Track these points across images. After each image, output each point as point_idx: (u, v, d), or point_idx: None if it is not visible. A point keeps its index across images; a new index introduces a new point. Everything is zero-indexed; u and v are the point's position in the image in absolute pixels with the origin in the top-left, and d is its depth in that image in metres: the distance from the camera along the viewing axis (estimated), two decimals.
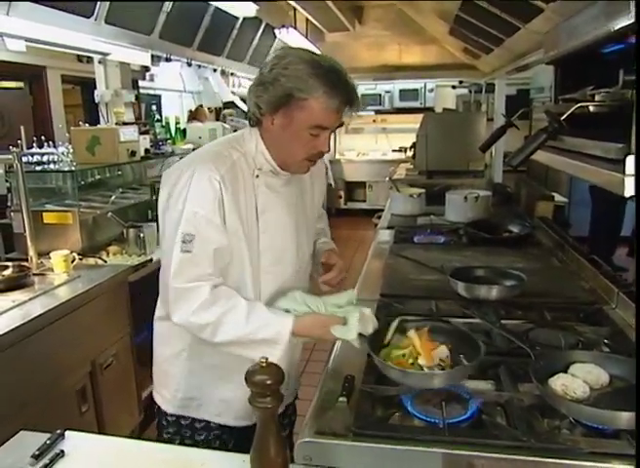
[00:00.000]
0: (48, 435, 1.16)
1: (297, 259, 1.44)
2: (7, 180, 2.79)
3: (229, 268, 1.32)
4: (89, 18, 3.17)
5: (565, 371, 1.21)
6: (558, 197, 4.04)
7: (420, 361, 1.21)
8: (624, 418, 1.02)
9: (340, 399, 1.20)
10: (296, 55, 1.23)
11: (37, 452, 1.09)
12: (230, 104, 5.85)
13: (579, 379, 1.16)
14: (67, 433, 1.18)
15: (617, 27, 1.05)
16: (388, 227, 3.01)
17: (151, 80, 5.13)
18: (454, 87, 7.42)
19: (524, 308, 1.71)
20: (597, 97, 1.15)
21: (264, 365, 0.94)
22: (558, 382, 1.15)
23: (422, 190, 3.38)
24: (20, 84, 5.16)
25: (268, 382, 0.93)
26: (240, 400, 1.37)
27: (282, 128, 1.26)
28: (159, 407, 1.47)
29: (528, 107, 1.88)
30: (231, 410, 1.41)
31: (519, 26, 3.03)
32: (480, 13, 3.44)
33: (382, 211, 3.58)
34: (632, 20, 0.97)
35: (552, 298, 1.79)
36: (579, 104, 1.16)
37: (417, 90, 8.06)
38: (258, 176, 1.34)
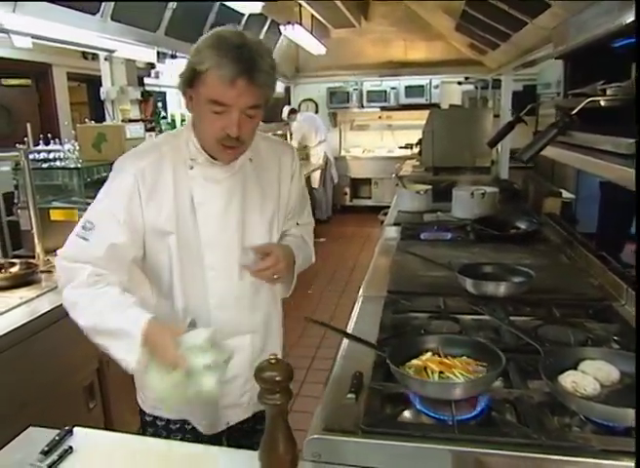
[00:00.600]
0: (56, 431, 1.17)
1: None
2: (14, 178, 2.79)
3: (155, 266, 1.32)
4: (95, 14, 3.18)
5: (575, 368, 1.20)
6: (565, 193, 4.02)
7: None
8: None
9: (349, 395, 1.19)
10: (211, 32, 1.20)
11: (46, 448, 1.09)
12: None
13: (589, 376, 1.16)
14: (75, 429, 1.18)
15: (628, 21, 1.04)
16: (395, 224, 3.00)
17: (156, 77, 5.13)
18: (460, 83, 7.38)
19: (532, 305, 1.70)
20: (608, 92, 1.14)
21: (274, 361, 0.94)
22: (568, 379, 1.14)
23: (429, 187, 3.37)
24: (28, 81, 5.18)
25: (277, 379, 0.93)
26: (199, 411, 1.39)
27: (194, 105, 1.23)
28: (138, 404, 1.49)
29: (535, 103, 1.86)
30: (192, 417, 1.41)
31: (526, 22, 3.01)
32: (487, 8, 3.41)
33: (388, 207, 3.57)
34: None
35: (561, 295, 1.78)
36: (590, 99, 1.15)
37: (422, 86, 8.02)
38: (192, 168, 1.29)
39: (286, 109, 7.75)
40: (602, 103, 1.15)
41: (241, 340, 1.39)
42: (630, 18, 1.05)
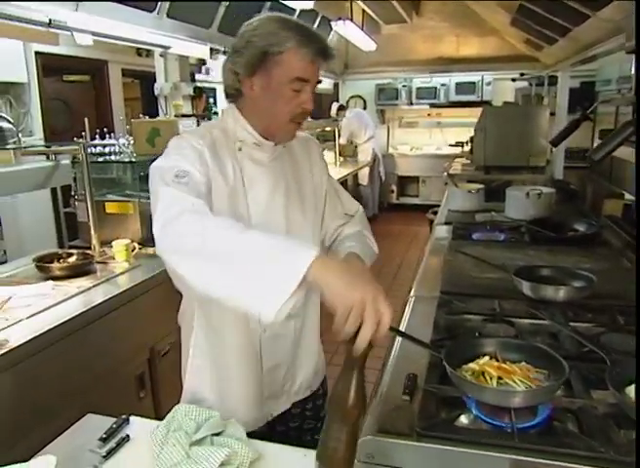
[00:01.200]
0: (113, 419, 1.19)
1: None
2: (72, 171, 2.88)
3: None
4: (151, 12, 3.24)
5: None
6: (627, 195, 3.85)
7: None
8: None
9: (404, 397, 1.17)
10: (262, 18, 1.25)
11: (104, 436, 1.12)
12: None
13: None
14: (132, 418, 1.20)
15: None
16: (446, 223, 2.94)
17: (207, 73, 5.21)
18: (514, 80, 7.18)
19: (594, 311, 1.62)
20: None
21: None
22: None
23: (481, 186, 3.28)
24: (86, 77, 5.35)
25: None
26: (246, 397, 1.37)
27: (263, 89, 1.24)
28: None
29: (598, 101, 1.78)
30: (235, 412, 1.33)
31: (589, 15, 2.89)
32: (546, 1, 3.31)
33: (436, 206, 3.51)
34: None
35: (624, 301, 1.69)
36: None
37: (474, 83, 7.86)
38: (240, 149, 1.30)
39: (334, 106, 7.75)
40: None
41: (285, 326, 1.37)
42: None
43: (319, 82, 1.28)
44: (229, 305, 0.97)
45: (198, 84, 4.84)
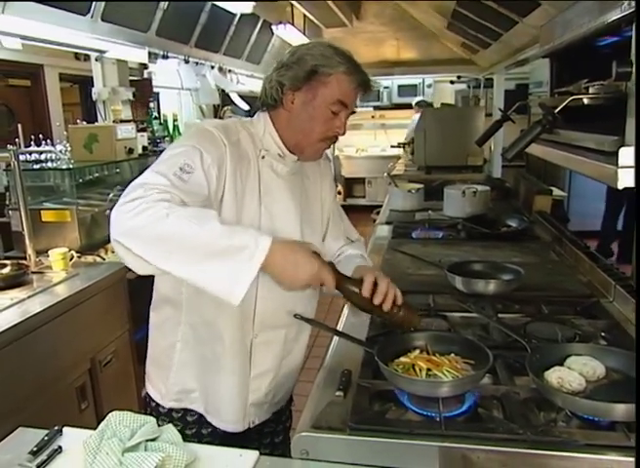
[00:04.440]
0: (46, 431, 1.16)
1: None
2: (5, 178, 2.79)
3: None
4: (85, 15, 3.16)
5: (561, 364, 1.21)
6: (557, 191, 4.04)
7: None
8: (620, 410, 1.02)
9: (337, 393, 1.20)
10: (318, 41, 1.34)
11: (35, 448, 1.09)
12: (228, 101, 5.85)
13: (574, 372, 1.17)
14: (65, 429, 1.18)
15: (610, 20, 1.05)
16: (387, 223, 3.01)
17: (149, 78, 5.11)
18: (452, 82, 7.41)
19: (521, 302, 1.71)
20: (591, 90, 1.15)
21: None
22: (554, 375, 1.16)
23: (421, 185, 3.38)
24: (27, 81, 5.16)
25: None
26: (230, 398, 1.36)
27: (303, 105, 1.28)
28: (153, 400, 1.44)
29: (522, 102, 1.87)
30: (219, 411, 1.38)
31: (517, 21, 3.02)
32: (477, 7, 3.43)
33: (381, 206, 3.58)
34: (625, 13, 0.97)
35: (550, 292, 1.80)
36: (572, 97, 1.16)
37: (415, 85, 8.05)
38: (264, 158, 1.33)
39: None
40: (585, 101, 1.16)
41: (275, 335, 1.37)
42: (612, 16, 1.06)
43: (354, 112, 1.34)
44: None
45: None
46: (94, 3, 3.17)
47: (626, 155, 0.93)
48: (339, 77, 1.25)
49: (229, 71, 5.84)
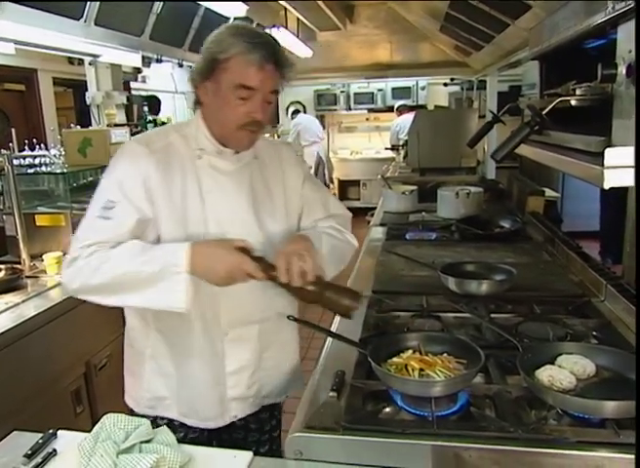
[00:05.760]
0: (40, 435, 1.17)
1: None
2: None
3: None
4: (78, 19, 3.16)
5: (552, 363, 1.23)
6: (550, 192, 4.06)
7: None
8: (610, 407, 1.04)
9: (331, 394, 1.21)
10: (221, 26, 1.27)
11: (30, 452, 1.10)
12: None
13: (565, 370, 1.18)
14: (60, 432, 1.18)
15: (595, 23, 1.07)
16: (381, 224, 3.02)
17: (143, 82, 5.13)
18: (445, 84, 7.44)
19: (514, 302, 1.72)
20: (578, 92, 1.17)
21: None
22: (545, 373, 1.17)
23: (415, 187, 3.39)
24: (22, 86, 5.16)
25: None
26: (205, 399, 1.37)
27: (214, 95, 1.25)
28: (131, 409, 1.45)
29: (513, 103, 1.89)
30: (196, 410, 1.38)
31: (508, 23, 3.05)
32: (469, 10, 3.46)
33: (376, 208, 3.59)
34: (610, 16, 0.98)
35: (542, 292, 1.81)
36: (560, 99, 1.17)
37: (409, 88, 8.08)
38: (200, 157, 1.30)
39: (291, 109, 8.26)
40: (573, 103, 1.18)
41: (248, 330, 1.36)
42: (598, 19, 1.07)
43: (276, 91, 1.27)
44: None
45: (135, 92, 4.77)
46: (87, 7, 3.17)
47: (612, 155, 0.94)
48: (236, 60, 1.19)
49: None
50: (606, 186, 0.92)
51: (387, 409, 1.19)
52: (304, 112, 8.56)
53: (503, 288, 1.77)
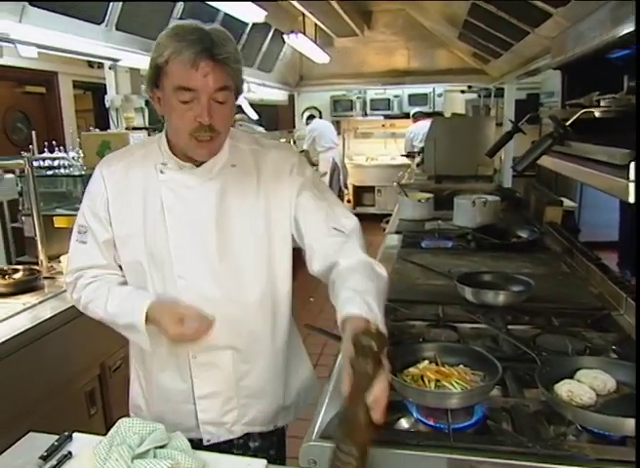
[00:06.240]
0: (56, 437, 1.17)
1: (220, 268, 1.27)
2: (19, 185, 2.82)
3: (132, 275, 1.33)
4: (100, 24, 3.20)
5: (571, 377, 1.21)
6: (568, 202, 4.02)
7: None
8: (631, 425, 1.01)
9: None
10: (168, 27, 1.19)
11: (45, 454, 1.10)
12: (238, 109, 5.89)
13: (585, 385, 1.16)
14: (75, 435, 1.19)
15: (622, 33, 1.05)
16: (396, 232, 3.01)
17: None
18: (463, 91, 7.42)
19: (531, 314, 1.70)
20: (602, 103, 1.15)
21: (373, 330, 0.91)
22: (564, 388, 1.15)
23: (431, 195, 3.38)
24: (42, 88, 5.24)
25: (373, 347, 0.90)
26: (176, 415, 1.34)
27: (163, 103, 1.18)
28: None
29: (533, 113, 1.88)
30: (168, 425, 1.27)
31: (528, 31, 3.03)
32: (489, 17, 3.44)
33: (391, 215, 3.58)
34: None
35: (560, 304, 1.79)
36: (584, 110, 1.16)
37: (426, 94, 8.06)
38: (162, 172, 1.26)
39: (306, 114, 8.28)
40: (596, 114, 1.16)
41: (219, 356, 1.31)
42: (624, 30, 1.06)
43: (224, 88, 1.15)
44: None
45: None
46: (108, 12, 3.21)
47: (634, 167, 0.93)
48: (172, 61, 1.12)
49: None
50: (631, 200, 0.91)
51: (403, 421, 1.18)
52: (320, 117, 8.58)
53: (521, 299, 1.75)
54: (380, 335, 0.93)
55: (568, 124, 1.21)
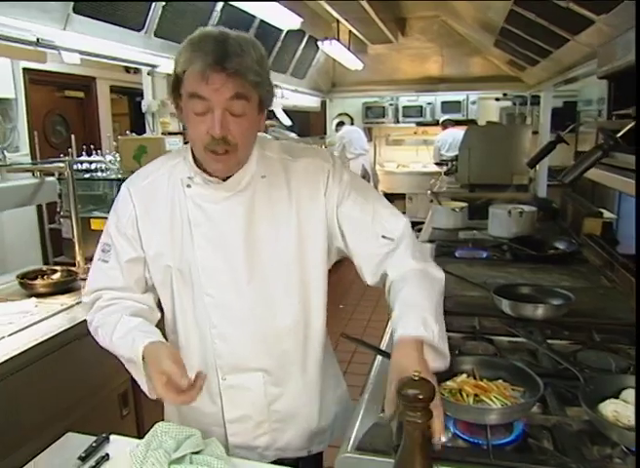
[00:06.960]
0: (93, 438, 1.19)
1: (248, 289, 1.23)
2: (58, 187, 2.89)
3: (161, 294, 1.31)
4: (139, 31, 3.27)
5: (616, 397, 1.17)
6: (606, 213, 3.92)
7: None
8: None
9: (381, 414, 1.18)
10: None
11: (83, 455, 1.12)
12: (272, 115, 5.94)
13: (631, 406, 1.12)
14: (112, 437, 1.20)
15: None
16: (429, 241, 2.97)
17: None
18: (497, 99, 7.32)
19: (571, 328, 1.66)
20: None
21: (417, 378, 0.90)
22: (609, 408, 1.11)
23: (465, 204, 3.33)
24: (81, 93, 5.37)
25: (420, 397, 0.88)
26: (206, 434, 1.27)
27: (184, 115, 1.15)
28: None
29: (576, 122, 1.84)
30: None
31: (568, 38, 2.97)
32: (526, 24, 3.38)
33: (422, 223, 3.54)
34: None
35: (601, 319, 1.73)
36: (635, 122, 1.12)
37: (459, 102, 7.99)
38: (189, 186, 1.22)
39: (335, 121, 8.27)
40: None
41: (249, 378, 1.28)
42: None
43: (240, 98, 1.09)
44: None
45: None
46: (148, 19, 3.28)
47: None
48: (187, 73, 1.08)
49: (275, 86, 5.92)
50: None
51: None
52: (352, 124, 8.58)
53: (561, 313, 1.71)
54: (426, 382, 0.91)
55: (619, 136, 1.17)
